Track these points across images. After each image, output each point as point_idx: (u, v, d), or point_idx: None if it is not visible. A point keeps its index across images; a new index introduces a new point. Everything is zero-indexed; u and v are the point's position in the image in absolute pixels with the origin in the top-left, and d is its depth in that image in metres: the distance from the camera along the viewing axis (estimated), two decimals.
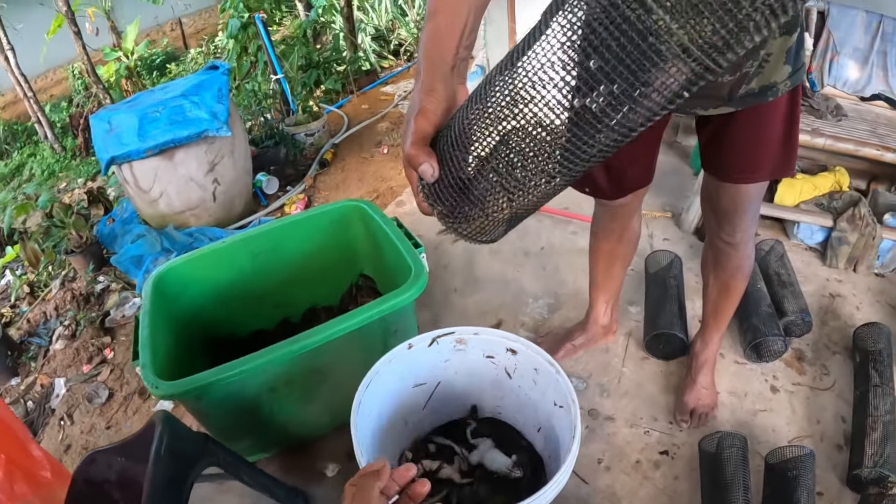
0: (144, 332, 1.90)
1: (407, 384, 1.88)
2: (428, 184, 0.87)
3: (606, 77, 0.68)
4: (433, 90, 0.88)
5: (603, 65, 0.68)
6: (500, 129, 0.79)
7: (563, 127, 0.75)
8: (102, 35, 7.54)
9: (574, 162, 0.78)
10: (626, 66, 0.67)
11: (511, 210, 0.87)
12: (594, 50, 0.68)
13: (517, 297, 2.88)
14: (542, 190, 0.83)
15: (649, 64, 0.66)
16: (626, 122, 0.72)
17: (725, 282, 2.04)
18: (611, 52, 0.67)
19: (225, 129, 3.44)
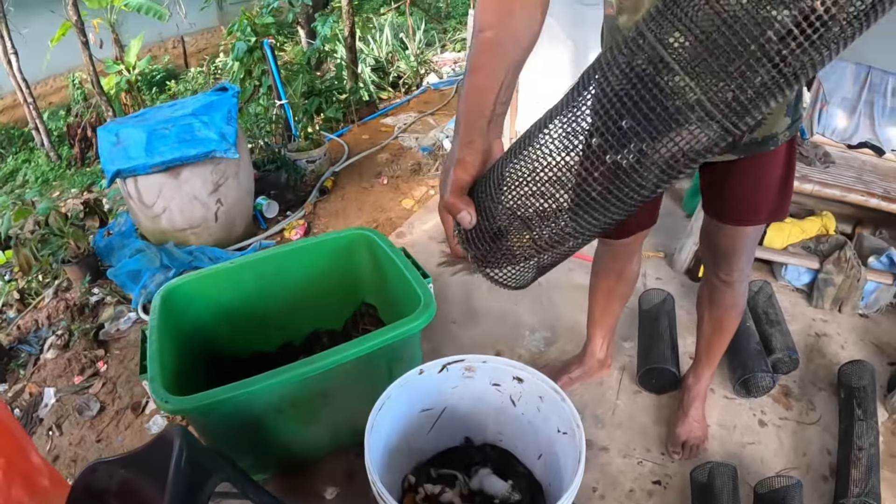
0: (153, 347, 1.92)
1: (414, 409, 1.91)
2: (464, 230, 0.91)
3: (636, 136, 0.73)
4: (472, 142, 0.92)
5: (634, 125, 0.73)
6: (534, 182, 0.84)
7: (594, 184, 0.78)
8: (106, 47, 7.58)
9: (598, 219, 0.83)
10: (653, 125, 0.72)
11: (539, 260, 0.92)
12: (626, 111, 0.73)
13: (514, 329, 2.94)
14: (570, 245, 0.89)
15: (674, 124, 0.71)
16: (652, 180, 0.77)
17: (719, 318, 2.13)
18: (640, 113, 0.72)
19: (233, 150, 3.47)
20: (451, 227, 0.93)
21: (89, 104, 7.15)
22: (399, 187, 4.43)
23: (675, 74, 0.70)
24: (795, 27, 0.64)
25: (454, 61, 7.35)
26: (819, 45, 0.66)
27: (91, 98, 7.09)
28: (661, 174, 0.76)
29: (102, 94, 6.18)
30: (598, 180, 0.78)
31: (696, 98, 0.69)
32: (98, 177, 5.84)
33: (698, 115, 0.70)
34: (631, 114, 0.73)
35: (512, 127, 4.46)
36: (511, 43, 0.98)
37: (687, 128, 0.71)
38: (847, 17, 0.65)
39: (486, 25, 0.98)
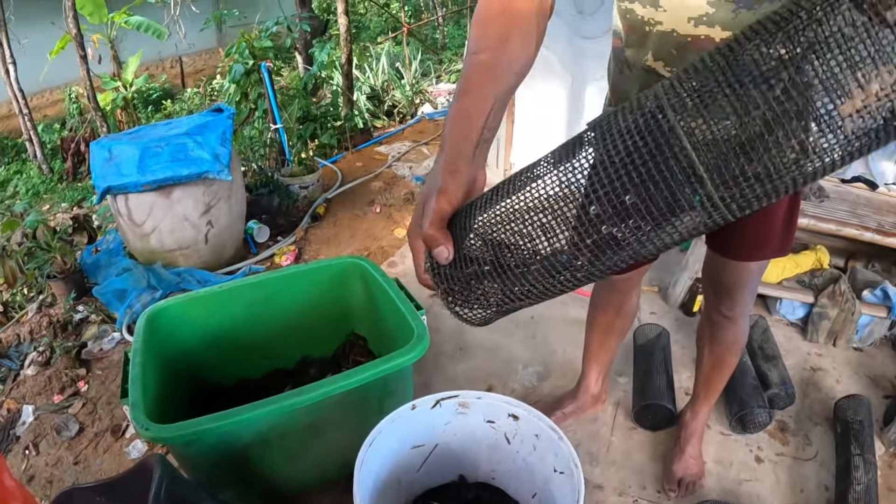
0: (136, 370, 1.87)
1: (405, 445, 1.87)
2: (437, 263, 0.88)
3: (637, 213, 0.72)
4: (457, 171, 0.89)
5: (637, 202, 0.72)
6: (519, 231, 0.82)
7: (584, 250, 0.78)
8: (104, 63, 7.58)
9: (580, 279, 0.82)
10: (657, 207, 0.71)
11: (511, 306, 0.89)
12: (631, 186, 0.72)
13: (507, 364, 2.92)
14: (547, 295, 0.86)
15: (679, 210, 0.71)
16: (641, 253, 0.77)
17: (720, 355, 2.11)
18: (647, 192, 0.71)
19: (226, 172, 3.45)
20: (422, 256, 0.90)
21: (84, 119, 7.12)
22: (392, 216, 4.41)
23: (690, 164, 0.69)
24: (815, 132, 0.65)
25: (449, 92, 7.40)
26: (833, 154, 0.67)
27: (86, 113, 7.07)
28: (652, 248, 0.76)
29: (98, 109, 6.16)
30: (589, 247, 0.77)
31: (707, 191, 0.69)
32: (89, 192, 5.82)
33: (705, 206, 0.70)
34: (636, 190, 0.72)
35: (506, 159, 4.48)
36: (505, 67, 0.97)
37: (690, 214, 0.71)
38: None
39: (482, 48, 0.98)
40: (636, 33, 1.38)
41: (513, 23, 0.99)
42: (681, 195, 0.70)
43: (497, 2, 1.00)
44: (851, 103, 0.64)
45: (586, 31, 3.81)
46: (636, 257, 0.78)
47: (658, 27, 1.32)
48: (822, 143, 0.66)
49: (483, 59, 0.96)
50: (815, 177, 0.68)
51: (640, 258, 0.78)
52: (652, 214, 0.72)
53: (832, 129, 0.65)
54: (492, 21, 0.99)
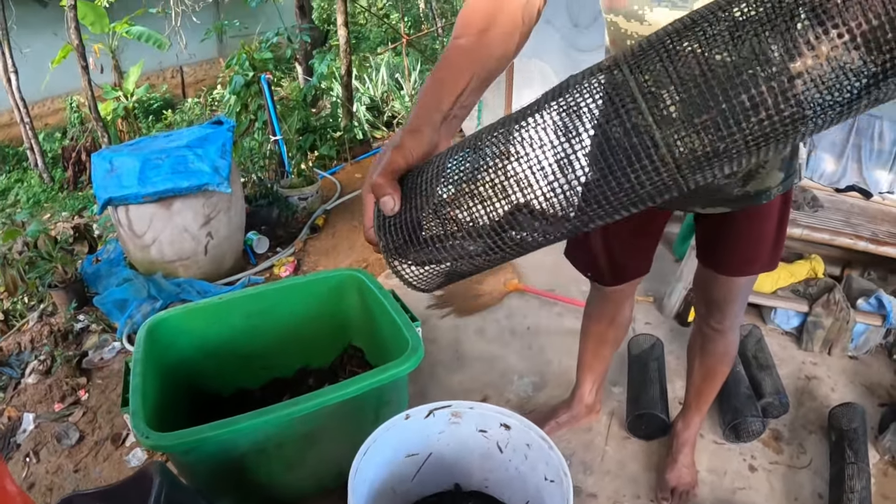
0: (136, 380, 1.91)
1: (399, 454, 1.90)
2: (383, 216, 0.86)
3: (590, 161, 0.73)
4: (419, 131, 0.89)
5: (588, 151, 0.73)
6: (472, 182, 0.81)
7: (535, 201, 0.77)
8: (105, 72, 7.63)
9: (525, 240, 0.81)
10: (605, 156, 0.72)
11: (452, 266, 0.87)
12: (584, 132, 0.73)
13: (503, 374, 2.94)
14: (489, 259, 0.84)
15: (626, 161, 0.71)
16: (590, 214, 0.77)
17: (711, 367, 2.14)
18: (597, 142, 0.73)
19: (226, 184, 3.49)
20: (370, 208, 0.88)
21: (85, 128, 7.17)
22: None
23: (639, 113, 0.70)
24: (770, 100, 0.66)
25: None
26: (788, 125, 0.67)
27: (87, 122, 7.12)
28: (599, 209, 0.76)
29: (99, 119, 6.20)
30: (537, 198, 0.77)
31: (653, 140, 0.70)
32: (90, 201, 5.85)
33: (651, 158, 0.71)
34: (592, 140, 0.73)
35: None
36: (484, 53, 1.00)
37: (638, 167, 0.71)
38: (822, 105, 0.67)
39: (463, 33, 1.01)
40: (617, 47, 1.42)
41: (497, 16, 1.03)
42: (628, 144, 0.70)
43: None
44: (801, 61, 0.65)
45: (582, 43, 3.86)
46: (581, 221, 0.77)
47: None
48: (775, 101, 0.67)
49: (463, 43, 1.00)
50: (766, 142, 0.69)
51: (583, 224, 0.78)
52: (600, 164, 0.72)
53: (782, 88, 0.66)
54: (477, 12, 1.04)
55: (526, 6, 1.07)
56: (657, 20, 1.30)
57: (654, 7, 1.29)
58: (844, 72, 0.65)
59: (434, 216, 0.83)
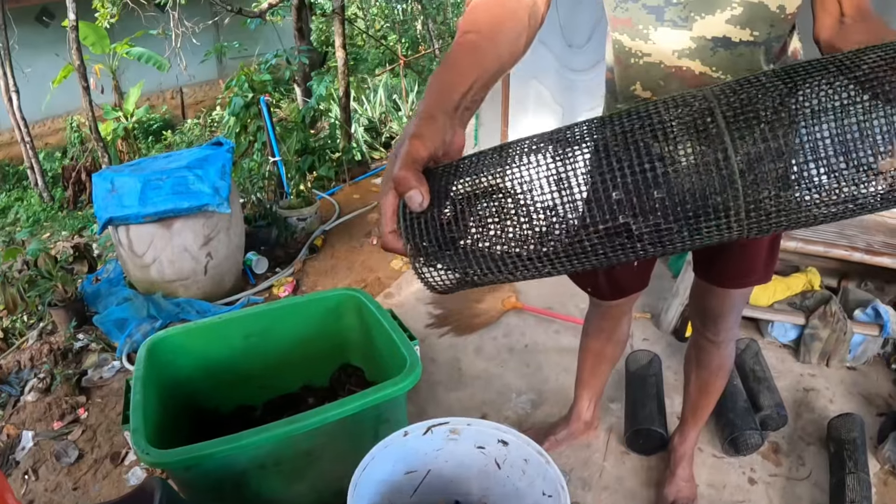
0: (137, 398, 1.94)
1: (398, 470, 1.91)
2: (410, 214, 0.78)
3: (662, 208, 0.72)
4: (433, 118, 0.84)
5: (665, 197, 0.71)
6: (516, 203, 0.77)
7: (589, 236, 0.75)
8: (106, 93, 7.68)
9: (569, 264, 0.78)
10: (685, 209, 0.71)
11: (488, 278, 0.81)
12: (664, 181, 0.71)
13: (501, 392, 2.95)
14: (525, 271, 0.79)
15: (703, 217, 0.71)
16: (640, 252, 0.75)
17: (706, 380, 2.16)
18: (675, 190, 0.71)
19: (225, 205, 3.52)
20: (390, 209, 0.80)
21: (86, 148, 7.22)
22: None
23: (731, 174, 0.70)
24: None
25: None
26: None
27: (88, 142, 7.16)
28: (660, 250, 0.75)
29: (99, 139, 6.25)
30: (599, 233, 0.74)
31: (737, 205, 0.70)
32: (90, 221, 5.88)
33: (730, 218, 0.70)
34: (667, 185, 0.71)
35: None
36: (492, 51, 0.98)
37: (712, 222, 0.71)
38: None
39: (472, 29, 1.00)
40: (622, 64, 1.47)
41: (505, 16, 1.04)
42: (712, 201, 0.70)
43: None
44: (891, 162, 0.67)
45: (576, 63, 3.91)
46: (638, 254, 0.75)
47: (646, 58, 1.40)
48: (852, 191, 0.69)
49: (471, 38, 0.98)
50: (832, 218, 0.72)
51: (639, 257, 0.76)
52: (676, 214, 0.71)
53: (866, 180, 0.68)
54: (485, 9, 1.04)
55: (532, 8, 1.09)
56: (660, 39, 1.35)
57: (659, 27, 1.34)
58: None
59: (471, 213, 0.78)
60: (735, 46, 1.31)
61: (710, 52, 1.33)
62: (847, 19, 1.17)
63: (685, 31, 1.32)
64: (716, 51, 1.32)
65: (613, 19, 1.42)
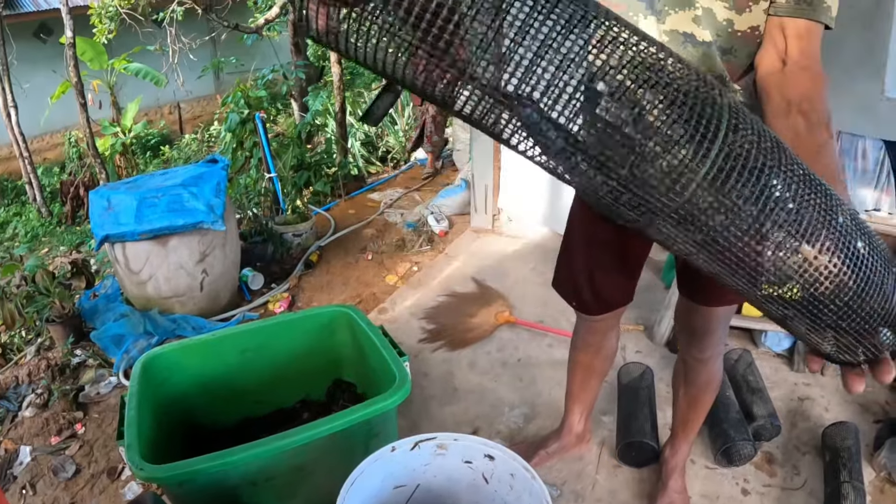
0: (131, 413, 1.97)
1: (387, 486, 1.94)
2: None
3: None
4: None
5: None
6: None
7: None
8: (104, 108, 7.73)
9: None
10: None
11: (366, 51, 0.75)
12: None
13: (494, 406, 2.97)
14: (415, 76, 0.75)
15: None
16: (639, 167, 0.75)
17: (694, 395, 2.17)
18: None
19: (220, 223, 3.56)
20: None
21: (84, 163, 7.26)
22: (383, 263, 4.51)
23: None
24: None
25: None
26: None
27: (86, 157, 7.20)
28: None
29: (97, 155, 6.29)
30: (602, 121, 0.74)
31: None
32: (87, 236, 5.91)
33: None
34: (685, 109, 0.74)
35: (494, 204, 4.59)
36: None
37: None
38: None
39: None
40: None
41: None
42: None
43: None
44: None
45: None
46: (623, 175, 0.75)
47: None
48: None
49: None
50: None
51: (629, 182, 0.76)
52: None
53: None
54: None
55: None
56: (648, 28, 1.39)
57: (648, 16, 1.39)
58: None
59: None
60: (700, 44, 1.36)
61: (682, 46, 1.38)
62: (790, 64, 1.22)
63: (660, 24, 1.38)
64: (685, 46, 1.37)
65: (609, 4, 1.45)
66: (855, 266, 0.75)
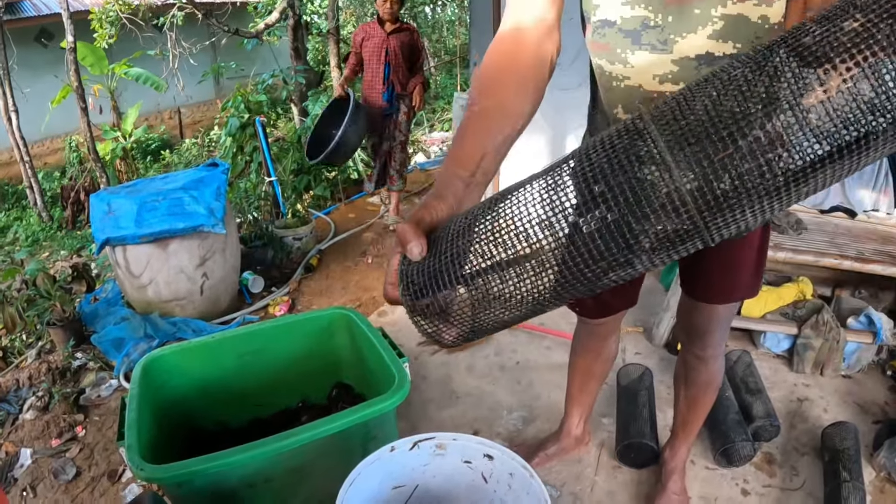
0: (131, 415, 1.98)
1: (385, 487, 1.93)
2: (407, 267, 0.84)
3: (606, 203, 0.73)
4: (443, 197, 0.90)
5: (606, 190, 0.72)
6: (498, 239, 0.80)
7: (560, 254, 0.77)
8: (104, 113, 7.73)
9: (556, 294, 0.81)
10: (626, 198, 0.72)
11: (472, 324, 0.85)
12: (602, 179, 0.73)
13: (493, 409, 2.97)
14: (515, 314, 0.84)
15: (647, 204, 0.71)
16: (619, 260, 0.76)
17: (694, 396, 2.18)
18: (616, 184, 0.72)
19: (220, 226, 3.57)
20: (395, 264, 0.87)
21: (84, 168, 7.26)
22: (383, 266, 4.49)
23: (656, 158, 0.72)
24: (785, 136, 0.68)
25: (442, 141, 7.51)
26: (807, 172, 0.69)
27: (86, 162, 7.20)
28: (639, 266, 0.77)
29: (98, 159, 6.29)
30: (559, 249, 0.77)
31: (672, 183, 0.70)
32: (88, 241, 5.92)
33: (671, 199, 0.70)
34: (606, 181, 0.73)
35: None
36: (498, 115, 1.01)
37: (658, 211, 0.71)
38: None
39: (475, 99, 1.03)
40: (604, 88, 1.47)
41: (508, 73, 1.07)
42: (655, 199, 0.71)
43: (493, 54, 1.09)
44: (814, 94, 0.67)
45: (563, 82, 3.96)
46: (621, 272, 0.78)
47: (626, 82, 1.39)
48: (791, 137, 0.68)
49: (476, 110, 1.01)
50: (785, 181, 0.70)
51: (625, 276, 0.79)
52: (621, 205, 0.72)
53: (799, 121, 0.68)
54: (487, 73, 1.06)
55: (538, 62, 1.11)
56: (639, 63, 1.34)
57: (636, 51, 1.33)
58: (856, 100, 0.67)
59: (453, 270, 0.80)
60: (718, 60, 1.27)
61: (695, 71, 1.30)
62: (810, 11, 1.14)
63: (665, 54, 1.31)
64: (699, 69, 1.30)
65: (592, 44, 1.41)
66: None
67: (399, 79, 4.94)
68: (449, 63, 12.15)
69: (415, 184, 6.34)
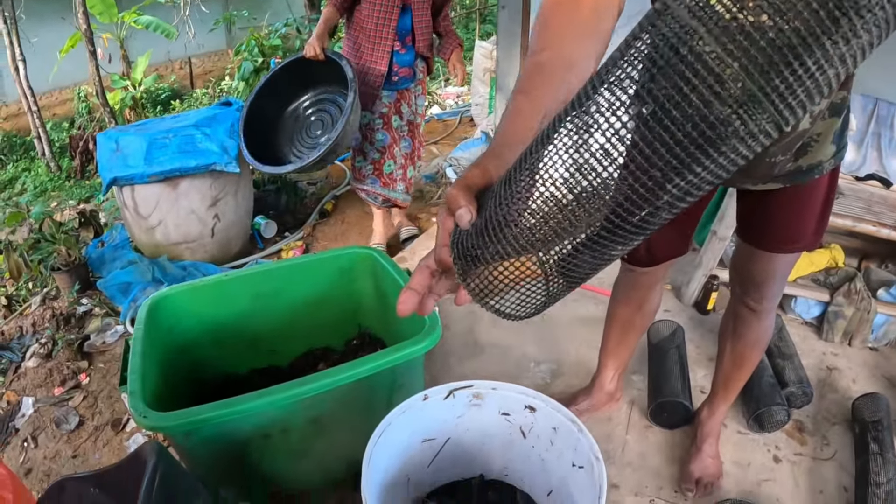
0: (135, 359, 1.80)
1: (416, 439, 1.78)
2: (459, 230, 0.79)
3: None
4: (499, 156, 0.82)
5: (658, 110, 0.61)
6: (547, 178, 0.71)
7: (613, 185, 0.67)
8: (114, 62, 7.57)
9: (617, 231, 0.70)
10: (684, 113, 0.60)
11: (546, 290, 0.83)
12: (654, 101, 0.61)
13: (519, 362, 2.85)
14: (582, 268, 0.80)
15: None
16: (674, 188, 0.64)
17: (742, 353, 2.09)
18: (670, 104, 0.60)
19: (234, 164, 3.41)
20: (446, 227, 0.81)
21: (93, 117, 7.11)
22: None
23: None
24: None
25: (457, 95, 7.42)
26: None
27: (95, 112, 7.06)
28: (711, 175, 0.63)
29: (107, 104, 6.15)
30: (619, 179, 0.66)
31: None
32: (96, 190, 5.80)
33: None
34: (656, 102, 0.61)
35: None
36: (560, 69, 0.91)
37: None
38: None
39: (539, 48, 0.93)
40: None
41: (569, 22, 0.95)
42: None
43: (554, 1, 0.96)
44: None
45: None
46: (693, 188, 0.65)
47: None
48: None
49: (538, 60, 0.91)
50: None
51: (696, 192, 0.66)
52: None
53: None
54: (549, 20, 0.95)
55: (596, 3, 0.97)
56: None
57: None
58: None
59: (511, 213, 0.73)
60: None
61: None
62: None
63: None
64: None
65: None
66: None
67: (422, 33, 3.44)
68: (466, 16, 11.85)
69: (431, 133, 6.18)
